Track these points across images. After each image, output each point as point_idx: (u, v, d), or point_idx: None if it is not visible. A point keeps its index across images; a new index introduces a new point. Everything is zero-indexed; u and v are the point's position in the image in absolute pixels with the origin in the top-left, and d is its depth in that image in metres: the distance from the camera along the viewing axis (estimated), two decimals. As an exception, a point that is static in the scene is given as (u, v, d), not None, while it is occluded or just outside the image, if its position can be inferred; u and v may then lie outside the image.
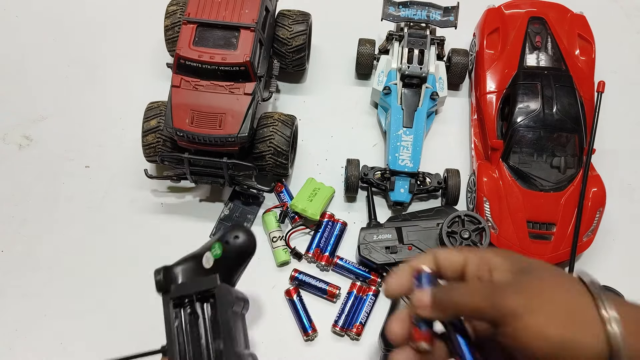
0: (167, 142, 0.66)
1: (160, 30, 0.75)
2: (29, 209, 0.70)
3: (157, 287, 0.45)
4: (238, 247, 0.45)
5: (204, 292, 0.44)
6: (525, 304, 0.32)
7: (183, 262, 0.46)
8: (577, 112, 0.68)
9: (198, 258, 0.46)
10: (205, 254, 0.46)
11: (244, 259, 0.46)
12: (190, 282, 0.45)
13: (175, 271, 0.46)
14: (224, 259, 0.45)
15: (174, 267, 0.46)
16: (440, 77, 0.75)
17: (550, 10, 0.76)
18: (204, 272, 0.45)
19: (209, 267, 0.45)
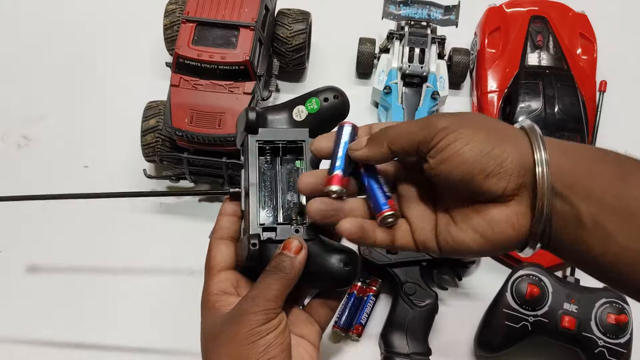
0: (166, 141, 0.66)
1: (159, 29, 0.74)
2: (28, 209, 0.70)
3: (246, 126, 0.43)
4: (335, 106, 0.45)
5: (292, 142, 0.44)
6: (455, 121, 0.34)
7: (273, 110, 0.45)
8: (579, 111, 0.67)
9: (289, 109, 0.45)
10: (297, 106, 0.45)
11: (337, 119, 0.45)
12: (279, 130, 0.44)
13: (265, 116, 0.44)
14: (318, 115, 0.44)
15: (265, 112, 0.45)
16: (441, 76, 0.75)
17: (551, 9, 0.76)
18: (293, 124, 0.44)
19: (299, 120, 0.44)
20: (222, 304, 0.38)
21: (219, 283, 0.40)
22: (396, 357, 0.58)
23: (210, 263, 0.41)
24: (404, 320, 0.59)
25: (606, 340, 0.56)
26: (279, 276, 0.37)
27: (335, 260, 0.40)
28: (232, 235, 0.42)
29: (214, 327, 0.38)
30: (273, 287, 0.37)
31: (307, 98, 0.45)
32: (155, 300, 0.65)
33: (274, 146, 0.44)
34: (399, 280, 0.61)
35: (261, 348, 0.35)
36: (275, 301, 0.37)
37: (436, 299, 0.60)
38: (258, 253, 0.39)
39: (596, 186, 0.33)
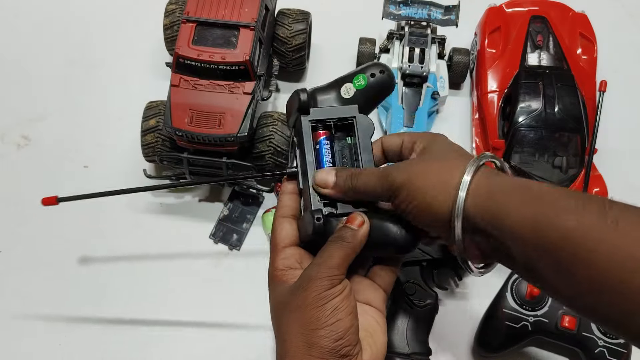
0: (166, 141, 0.66)
1: (159, 29, 0.74)
2: (28, 209, 0.70)
3: (299, 106, 0.44)
4: (383, 81, 0.46)
5: (343, 119, 0.45)
6: (406, 179, 0.39)
7: (321, 90, 0.46)
8: (579, 111, 0.67)
9: (337, 88, 0.46)
10: (345, 84, 0.46)
11: (384, 93, 0.47)
12: (330, 108, 0.45)
13: (315, 95, 0.46)
14: (365, 91, 0.46)
15: (315, 92, 0.46)
16: (441, 76, 0.75)
17: (551, 9, 0.76)
18: (342, 102, 0.46)
19: (348, 97, 0.46)
20: (289, 277, 0.40)
21: (284, 259, 0.42)
22: (396, 357, 0.58)
23: (276, 240, 0.43)
24: (404, 320, 0.59)
25: (606, 340, 0.56)
26: (341, 245, 0.40)
27: (396, 228, 0.41)
28: (293, 213, 0.45)
29: (283, 296, 0.40)
30: (336, 255, 0.39)
31: (354, 75, 0.46)
32: (156, 299, 0.65)
33: (327, 124, 0.45)
34: (399, 280, 0.61)
35: (328, 312, 0.37)
36: (338, 268, 0.39)
37: (436, 299, 0.60)
38: (323, 227, 0.40)
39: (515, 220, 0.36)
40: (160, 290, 0.65)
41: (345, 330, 0.37)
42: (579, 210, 0.33)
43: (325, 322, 0.37)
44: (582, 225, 0.33)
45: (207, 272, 0.66)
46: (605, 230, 0.32)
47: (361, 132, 0.45)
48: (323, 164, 0.44)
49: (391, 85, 0.47)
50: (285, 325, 0.39)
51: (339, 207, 0.42)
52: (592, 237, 0.32)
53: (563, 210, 0.34)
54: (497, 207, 0.36)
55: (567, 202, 0.34)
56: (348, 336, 0.37)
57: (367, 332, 0.40)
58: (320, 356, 0.36)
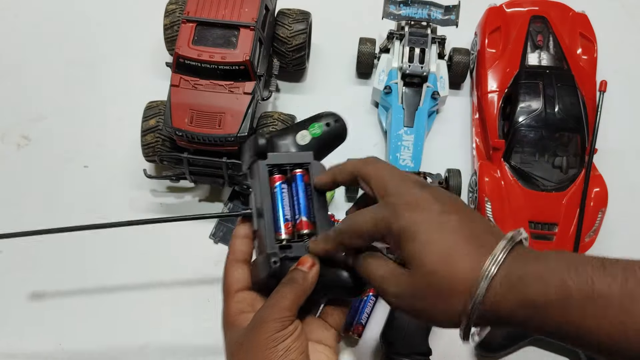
0: (167, 141, 0.66)
1: (159, 29, 0.74)
2: (28, 209, 0.70)
3: (257, 151, 0.45)
4: (336, 130, 0.49)
5: (298, 165, 0.46)
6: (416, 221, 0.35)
7: (278, 135, 0.48)
8: (579, 111, 0.67)
9: (293, 134, 0.48)
10: (301, 131, 0.48)
11: (338, 142, 0.49)
12: (286, 154, 0.47)
13: (272, 141, 0.47)
14: (320, 139, 0.48)
15: (272, 137, 0.47)
16: (441, 76, 0.75)
17: (551, 9, 0.76)
18: (298, 148, 0.47)
19: (303, 144, 0.47)
20: (242, 321, 0.41)
21: (237, 303, 0.42)
22: (396, 357, 0.58)
23: (228, 284, 0.43)
24: (404, 320, 0.59)
25: (606, 341, 0.56)
26: (292, 287, 0.40)
27: (346, 272, 0.42)
28: (246, 257, 0.45)
29: (237, 339, 0.40)
30: (287, 296, 0.39)
31: (310, 123, 0.48)
32: (156, 298, 0.65)
33: (283, 169, 0.46)
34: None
35: (280, 352, 0.37)
36: (289, 309, 0.39)
37: (436, 299, 0.60)
38: (279, 270, 0.41)
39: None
40: (160, 290, 0.65)
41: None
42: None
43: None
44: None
45: (208, 272, 0.66)
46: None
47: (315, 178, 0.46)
48: (279, 207, 0.45)
49: (344, 134, 0.49)
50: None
51: (293, 249, 0.43)
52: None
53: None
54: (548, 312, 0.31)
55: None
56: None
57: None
58: None
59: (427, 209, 0.36)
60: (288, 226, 0.44)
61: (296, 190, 0.46)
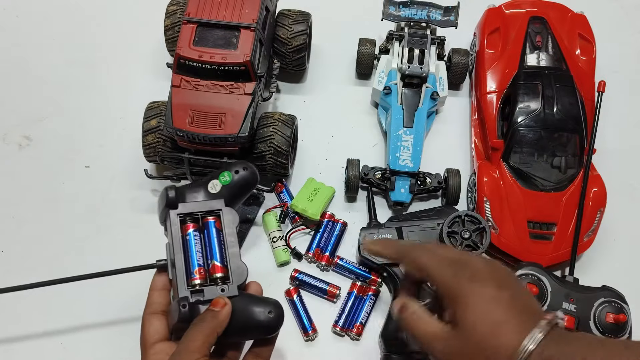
0: (167, 142, 0.66)
1: (160, 30, 0.75)
2: (29, 209, 0.70)
3: (167, 203, 0.47)
4: (246, 177, 0.51)
5: (210, 212, 0.48)
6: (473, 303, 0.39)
7: (190, 187, 0.50)
8: (578, 111, 0.67)
9: (204, 185, 0.50)
10: (212, 181, 0.50)
11: (249, 189, 0.52)
12: (197, 202, 0.49)
13: (183, 192, 0.49)
14: (231, 187, 0.50)
15: (184, 189, 0.49)
16: (440, 77, 0.75)
17: (550, 10, 0.76)
18: (209, 197, 0.49)
19: (214, 192, 0.49)
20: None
21: (154, 355, 0.43)
22: (396, 357, 0.58)
23: (145, 337, 0.44)
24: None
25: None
26: (201, 327, 0.41)
27: (260, 310, 0.44)
28: (163, 309, 0.46)
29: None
30: (195, 337, 0.41)
31: (220, 172, 0.51)
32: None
33: (195, 217, 0.48)
34: (399, 280, 0.61)
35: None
36: (199, 351, 0.40)
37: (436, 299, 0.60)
38: (188, 314, 0.42)
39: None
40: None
41: None
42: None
43: None
44: None
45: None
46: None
47: (226, 223, 0.48)
48: (192, 254, 0.47)
49: (254, 180, 0.52)
50: None
51: (205, 292, 0.44)
52: None
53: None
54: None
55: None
56: None
57: None
58: None
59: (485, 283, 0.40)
60: (200, 271, 0.46)
61: (209, 237, 0.48)
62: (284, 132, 0.66)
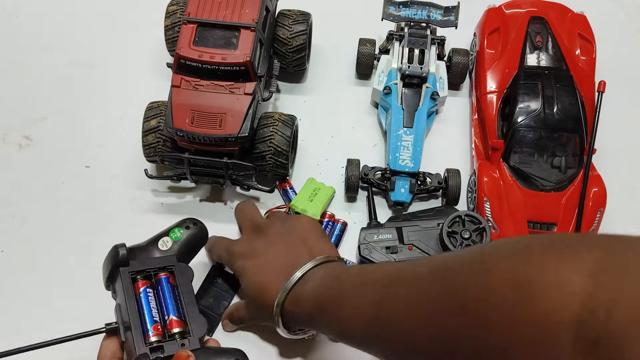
0: (168, 142, 0.66)
1: (160, 30, 0.75)
2: (29, 209, 0.70)
3: (119, 260, 0.47)
4: (196, 232, 0.53)
5: (162, 269, 0.49)
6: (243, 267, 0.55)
7: (140, 247, 0.50)
8: (578, 112, 0.68)
9: (154, 243, 0.51)
10: (162, 238, 0.51)
11: (201, 243, 0.54)
12: (149, 259, 0.49)
13: (133, 250, 0.50)
14: (182, 242, 0.51)
15: (133, 248, 0.50)
16: (440, 77, 0.75)
17: (550, 10, 0.76)
18: (161, 254, 0.50)
19: (165, 249, 0.50)
20: None
21: None
22: (396, 356, 0.58)
23: None
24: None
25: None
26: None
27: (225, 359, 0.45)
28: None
29: None
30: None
31: (171, 229, 0.52)
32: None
33: (147, 274, 0.48)
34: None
35: None
36: None
37: (436, 299, 0.60)
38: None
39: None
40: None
41: None
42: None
43: None
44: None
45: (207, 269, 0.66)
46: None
47: (181, 279, 0.49)
48: (146, 311, 0.46)
49: (204, 234, 0.55)
50: None
51: (165, 348, 0.44)
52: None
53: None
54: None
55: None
56: None
57: None
58: None
59: (245, 261, 0.55)
60: (157, 327, 0.45)
61: (162, 293, 0.47)
62: (284, 132, 0.66)
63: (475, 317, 0.31)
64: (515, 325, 0.28)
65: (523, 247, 0.31)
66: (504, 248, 0.33)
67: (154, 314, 0.46)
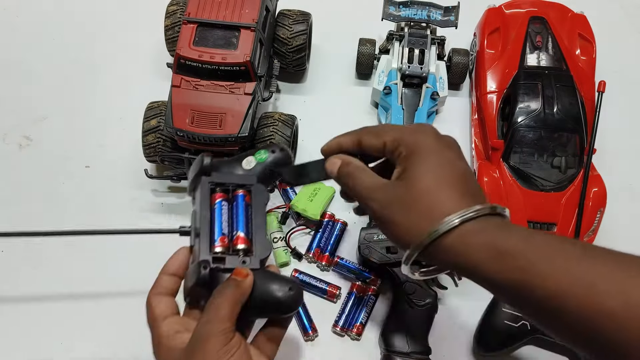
0: (168, 142, 0.66)
1: (160, 30, 0.75)
2: (29, 209, 0.70)
3: (201, 169, 0.47)
4: (282, 158, 0.50)
5: (241, 185, 0.48)
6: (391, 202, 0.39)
7: (225, 161, 0.50)
8: (578, 111, 0.67)
9: (239, 160, 0.50)
10: (247, 157, 0.50)
11: (282, 171, 0.51)
12: (230, 174, 0.48)
13: (217, 163, 0.49)
14: (265, 165, 0.49)
15: (218, 160, 0.49)
16: (440, 77, 0.75)
17: (550, 10, 0.76)
18: (243, 172, 0.49)
19: (248, 168, 0.49)
20: (177, 342, 0.40)
21: (166, 326, 0.41)
22: (396, 356, 0.58)
23: (154, 314, 0.42)
24: (403, 319, 0.60)
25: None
26: (226, 296, 0.39)
27: (279, 288, 0.43)
28: (169, 292, 0.45)
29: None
30: (223, 306, 0.39)
31: (257, 150, 0.51)
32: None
33: (225, 188, 0.48)
34: (399, 280, 0.61)
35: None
36: (229, 320, 0.38)
37: (436, 299, 0.60)
38: (208, 277, 0.42)
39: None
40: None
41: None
42: (559, 276, 0.34)
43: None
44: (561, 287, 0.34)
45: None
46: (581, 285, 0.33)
47: (256, 200, 0.48)
48: (217, 222, 0.46)
49: (289, 161, 0.52)
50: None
51: (227, 261, 0.44)
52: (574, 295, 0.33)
53: (544, 277, 0.35)
54: (474, 263, 0.37)
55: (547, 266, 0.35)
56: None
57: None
58: None
59: (448, 146, 0.41)
60: (224, 240, 0.45)
61: (236, 209, 0.47)
62: (284, 132, 0.66)
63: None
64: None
65: None
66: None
67: (224, 227, 0.46)
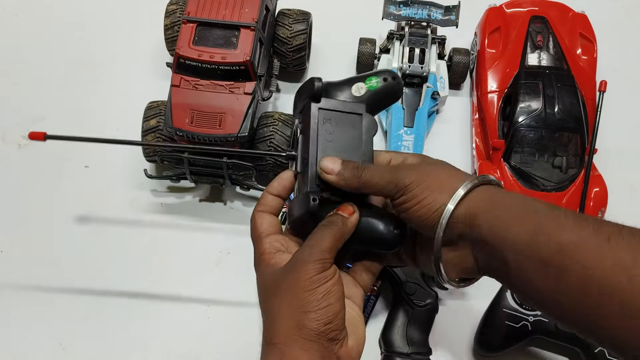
0: (167, 141, 0.66)
1: (160, 29, 0.74)
2: (29, 209, 0.70)
3: (312, 93, 0.46)
4: (393, 86, 0.48)
5: (349, 113, 0.46)
6: (415, 180, 0.40)
7: (335, 84, 0.48)
8: (579, 111, 0.67)
9: (349, 85, 0.48)
10: (357, 83, 0.48)
11: (392, 99, 0.49)
12: (339, 101, 0.47)
13: (327, 87, 0.47)
14: (376, 93, 0.47)
15: (328, 85, 0.48)
16: (441, 77, 0.75)
17: (551, 9, 0.76)
18: (352, 99, 0.47)
19: (358, 95, 0.47)
20: (277, 260, 0.41)
21: (270, 243, 0.42)
22: (396, 357, 0.58)
23: (258, 230, 0.43)
24: (404, 320, 0.59)
25: (606, 340, 0.56)
26: (332, 230, 0.40)
27: (386, 226, 0.42)
28: (273, 211, 0.45)
29: (273, 279, 0.40)
30: (326, 239, 0.40)
31: (368, 76, 0.48)
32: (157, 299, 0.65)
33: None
34: (399, 280, 0.61)
35: (320, 295, 0.37)
36: (329, 252, 0.39)
37: (436, 299, 0.60)
38: (317, 207, 0.41)
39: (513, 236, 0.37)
40: (160, 288, 0.65)
41: (335, 315, 0.38)
42: (575, 226, 0.35)
43: (316, 306, 0.37)
44: (578, 239, 0.34)
45: (207, 270, 0.66)
46: (599, 245, 0.34)
47: (365, 129, 0.46)
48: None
49: (400, 92, 0.49)
50: (275, 307, 0.39)
51: (332, 195, 0.43)
52: (586, 249, 0.34)
53: (560, 226, 0.36)
54: (497, 219, 0.38)
55: (564, 219, 0.36)
56: (337, 320, 0.38)
57: (349, 322, 0.41)
58: (309, 338, 0.37)
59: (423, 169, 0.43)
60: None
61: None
62: (284, 132, 0.66)
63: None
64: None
65: None
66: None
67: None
